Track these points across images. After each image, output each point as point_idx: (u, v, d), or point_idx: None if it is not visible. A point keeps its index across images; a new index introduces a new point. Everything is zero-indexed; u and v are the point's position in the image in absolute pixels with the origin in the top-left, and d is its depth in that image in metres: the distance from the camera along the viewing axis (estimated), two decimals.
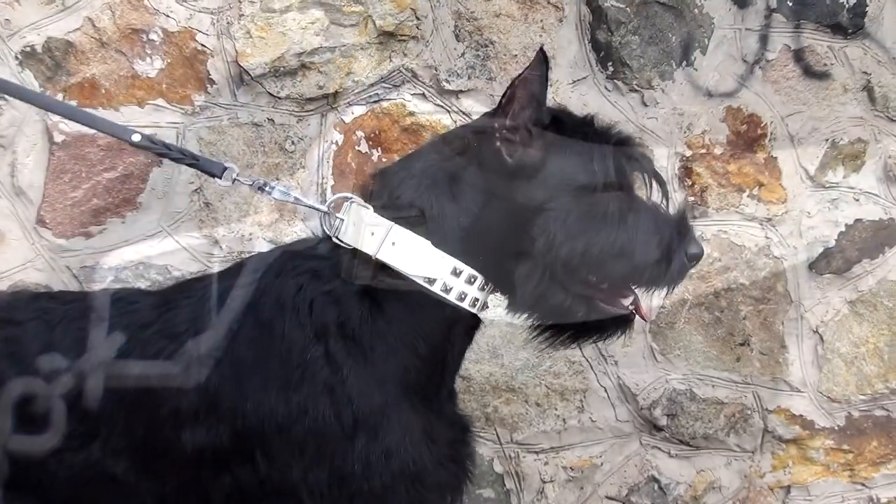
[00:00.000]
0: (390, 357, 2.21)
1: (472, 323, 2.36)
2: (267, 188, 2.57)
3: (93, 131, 4.10)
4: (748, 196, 4.99)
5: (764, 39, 4.98)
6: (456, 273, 2.24)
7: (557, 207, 2.22)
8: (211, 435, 2.18)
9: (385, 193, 2.32)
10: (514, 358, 4.69)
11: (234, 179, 2.58)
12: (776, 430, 5.10)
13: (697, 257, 2.36)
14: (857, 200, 5.15)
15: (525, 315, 2.34)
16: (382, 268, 2.25)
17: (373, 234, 2.23)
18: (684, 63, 4.87)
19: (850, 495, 5.26)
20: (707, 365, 4.98)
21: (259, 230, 4.31)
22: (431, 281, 2.25)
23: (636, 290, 2.34)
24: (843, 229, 5.12)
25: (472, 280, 2.26)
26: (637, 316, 2.35)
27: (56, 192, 4.18)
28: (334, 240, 2.29)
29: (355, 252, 2.26)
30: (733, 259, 4.98)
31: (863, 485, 5.26)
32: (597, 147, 2.26)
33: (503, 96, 2.27)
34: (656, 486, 4.95)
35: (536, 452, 4.79)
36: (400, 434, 2.18)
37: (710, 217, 4.94)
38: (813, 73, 5.05)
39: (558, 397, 4.78)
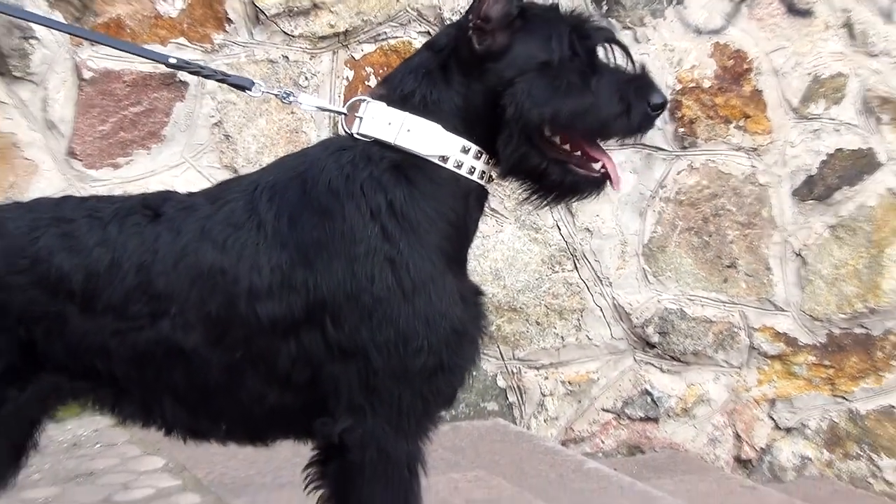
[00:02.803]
0: (432, 228, 2.35)
1: (481, 193, 2.47)
2: (292, 97, 2.68)
3: (119, 68, 4.18)
4: (735, 127, 5.04)
5: None
6: (465, 150, 2.39)
7: (523, 81, 2.35)
8: (284, 307, 2.29)
9: (392, 91, 2.44)
10: (516, 280, 4.76)
11: (263, 91, 2.70)
12: (761, 347, 5.18)
13: (661, 106, 2.42)
14: (838, 131, 5.21)
15: (511, 177, 2.46)
16: (404, 153, 2.37)
17: (390, 124, 2.37)
18: (675, 1, 4.91)
19: (832, 408, 5.33)
20: (696, 286, 5.05)
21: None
22: (445, 159, 2.38)
23: (604, 151, 2.44)
24: (825, 158, 5.19)
25: (479, 155, 2.40)
26: (608, 182, 2.46)
27: (85, 125, 4.23)
28: (356, 136, 2.40)
29: (377, 142, 2.38)
30: (721, 186, 5.04)
31: (843, 398, 5.34)
32: (555, 28, 2.36)
33: None
34: (649, 399, 5.01)
35: (537, 368, 4.85)
36: (448, 297, 2.33)
37: (699, 147, 5.00)
38: (796, 11, 5.10)
39: (557, 316, 4.84)
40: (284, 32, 4.40)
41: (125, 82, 4.24)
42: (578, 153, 2.42)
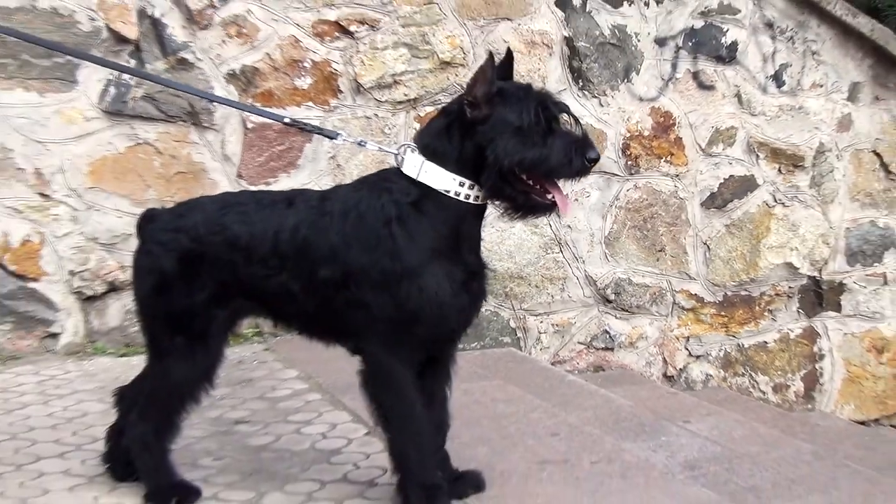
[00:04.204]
0: (425, 235, 2.20)
1: (478, 211, 2.28)
2: (362, 142, 2.56)
3: (269, 121, 4.01)
4: (664, 161, 4.81)
5: (674, 65, 4.81)
6: (461, 184, 2.22)
7: (500, 139, 2.18)
8: (332, 272, 2.22)
9: (420, 142, 2.28)
10: (523, 258, 4.57)
11: (344, 139, 2.55)
12: (681, 303, 4.95)
13: (595, 160, 2.20)
14: (731, 164, 4.96)
15: (492, 200, 2.27)
16: (422, 185, 2.22)
17: (415, 165, 2.22)
18: (626, 80, 4.70)
19: (726, 343, 5.09)
20: (639, 263, 4.83)
21: None
22: (448, 190, 2.22)
23: (559, 187, 2.24)
24: (722, 181, 4.95)
25: (472, 187, 2.23)
26: (557, 207, 2.25)
27: (248, 157, 4.09)
28: (402, 170, 2.25)
29: (408, 177, 2.23)
30: (655, 199, 4.82)
31: (733, 336, 5.10)
32: (525, 102, 2.18)
33: (470, 80, 2.23)
34: (608, 336, 4.80)
35: (535, 315, 4.65)
36: (430, 277, 2.18)
37: (641, 173, 4.77)
38: (704, 86, 4.88)
39: (549, 282, 4.64)
40: (375, 99, 4.23)
41: (274, 130, 4.10)
42: (538, 187, 2.23)
